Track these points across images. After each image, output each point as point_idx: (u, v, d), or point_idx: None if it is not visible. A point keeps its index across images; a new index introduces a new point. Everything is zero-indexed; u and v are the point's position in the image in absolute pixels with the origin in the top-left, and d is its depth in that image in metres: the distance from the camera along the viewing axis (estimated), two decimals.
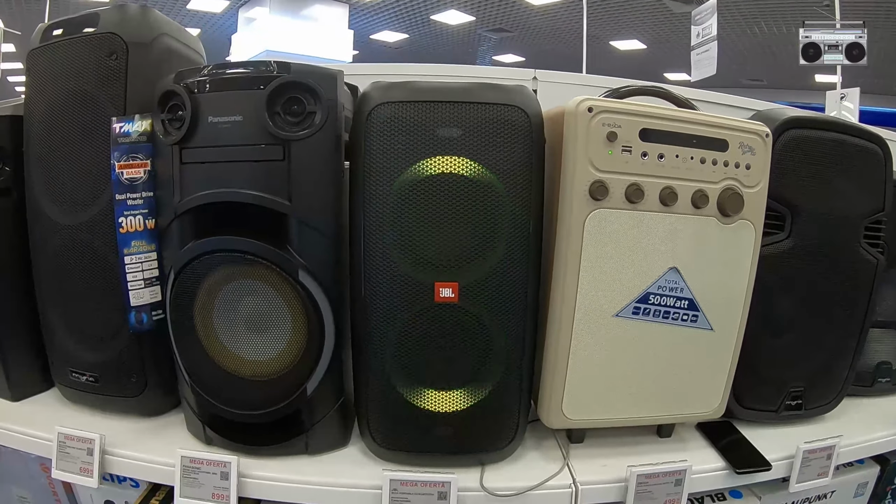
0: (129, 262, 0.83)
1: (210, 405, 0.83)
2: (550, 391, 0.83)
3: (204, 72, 0.77)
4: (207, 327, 0.80)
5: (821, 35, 4.57)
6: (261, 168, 0.76)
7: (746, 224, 0.83)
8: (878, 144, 0.96)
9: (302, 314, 0.78)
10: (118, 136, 0.82)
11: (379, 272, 0.76)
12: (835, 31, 4.56)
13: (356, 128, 0.76)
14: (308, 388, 0.80)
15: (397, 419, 0.81)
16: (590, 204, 0.77)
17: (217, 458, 0.79)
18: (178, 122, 0.78)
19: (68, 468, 0.83)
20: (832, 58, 4.56)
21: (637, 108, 0.77)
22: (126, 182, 0.82)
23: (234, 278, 0.78)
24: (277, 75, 0.74)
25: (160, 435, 0.89)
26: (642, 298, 0.81)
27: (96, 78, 0.85)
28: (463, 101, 0.74)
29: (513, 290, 0.77)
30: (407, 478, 0.77)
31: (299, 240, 0.77)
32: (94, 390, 0.93)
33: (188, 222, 0.79)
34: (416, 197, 0.74)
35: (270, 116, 0.74)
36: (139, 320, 0.85)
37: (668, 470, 0.82)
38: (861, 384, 1.11)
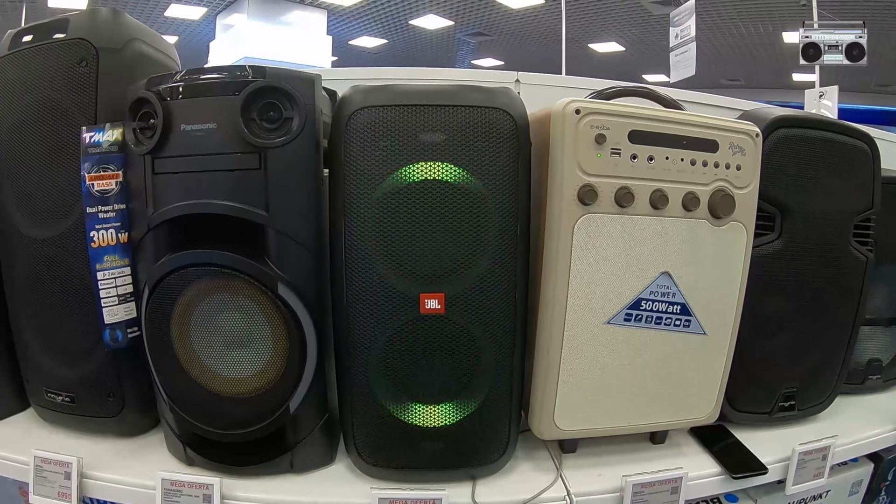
0: (101, 277, 0.81)
1: (190, 425, 0.80)
2: (542, 402, 0.81)
3: (176, 77, 0.75)
4: (185, 344, 0.77)
5: (821, 35, 4.61)
6: (236, 177, 0.73)
7: (738, 226, 0.83)
8: (867, 142, 0.96)
9: (283, 329, 0.76)
10: (88, 146, 0.79)
11: (362, 284, 0.74)
12: (835, 31, 4.59)
13: (335, 133, 0.74)
14: (291, 405, 0.78)
15: (384, 435, 0.79)
16: (578, 209, 0.75)
17: (199, 481, 0.77)
18: (150, 130, 0.75)
19: (46, 493, 0.81)
20: (832, 58, 4.60)
21: (626, 109, 0.76)
22: (97, 194, 0.80)
23: (211, 293, 0.76)
24: (252, 80, 0.72)
25: (140, 456, 0.87)
26: (634, 304, 0.79)
27: (66, 86, 0.83)
28: (446, 104, 0.72)
29: (501, 299, 0.76)
30: (396, 496, 0.75)
31: (278, 251, 0.75)
32: (70, 410, 0.90)
33: (162, 235, 0.77)
34: (398, 205, 0.72)
35: (246, 123, 0.72)
36: (114, 338, 0.82)
37: (665, 478, 0.81)
38: (852, 382, 1.11)
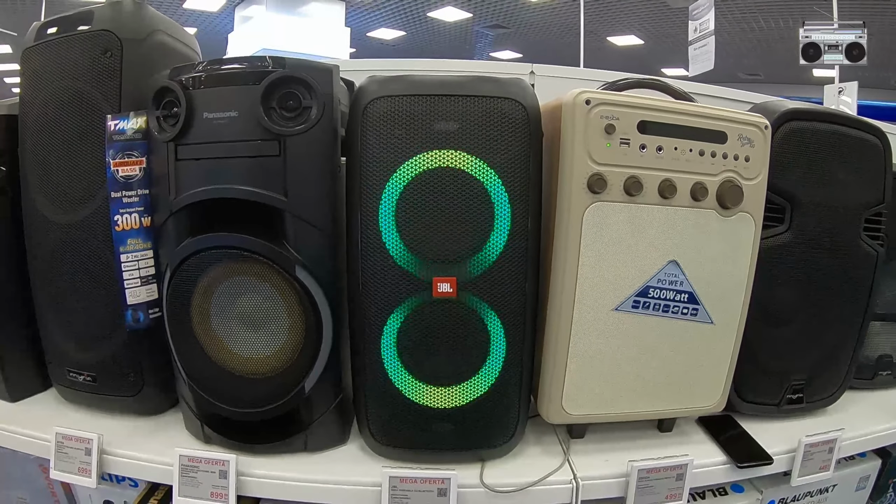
0: (124, 260, 0.83)
1: (208, 403, 0.82)
2: (550, 386, 0.82)
3: (199, 68, 0.77)
4: (204, 325, 0.79)
5: (821, 35, 4.55)
6: (256, 164, 0.75)
7: (746, 216, 0.83)
8: (878, 136, 0.95)
9: (299, 310, 0.77)
10: (113, 133, 0.81)
11: (376, 267, 0.76)
12: (835, 31, 4.54)
13: (352, 122, 0.75)
14: (306, 386, 0.80)
15: (396, 416, 0.80)
16: (588, 197, 0.76)
17: (215, 457, 0.78)
18: (172, 118, 0.77)
19: (67, 468, 0.83)
20: (832, 58, 4.54)
21: (635, 100, 0.77)
22: (121, 180, 0.82)
23: (230, 275, 0.77)
24: (272, 70, 0.74)
25: (158, 434, 0.89)
26: (642, 292, 0.80)
27: (91, 75, 0.85)
28: (460, 94, 0.73)
29: (512, 284, 0.77)
30: (406, 475, 0.76)
31: (295, 236, 0.76)
32: (91, 390, 0.92)
33: (184, 219, 0.79)
34: (412, 191, 0.74)
35: (266, 112, 0.73)
36: (136, 319, 0.85)
37: (670, 465, 0.81)
38: (862, 377, 1.11)
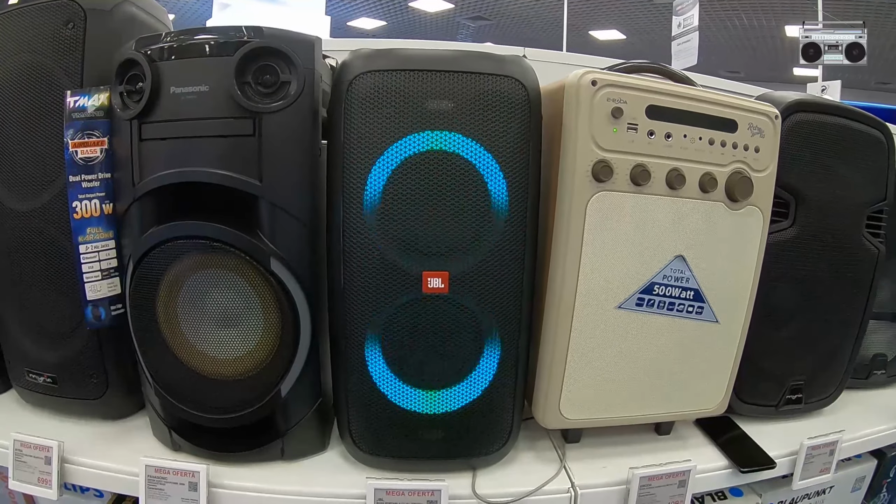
0: (84, 251, 0.77)
1: (176, 408, 0.77)
2: (547, 389, 0.78)
3: (167, 38, 0.71)
4: (171, 322, 0.74)
5: (821, 35, 4.61)
6: (228, 144, 0.70)
7: (755, 210, 0.80)
8: (882, 132, 0.94)
9: (274, 307, 0.73)
10: (72, 111, 0.75)
11: (360, 260, 0.71)
12: (835, 31, 4.60)
13: (335, 100, 0.70)
14: (282, 389, 0.75)
15: (381, 422, 0.76)
16: (592, 186, 0.72)
17: (184, 468, 0.73)
18: (137, 94, 0.72)
19: (26, 478, 0.78)
20: (832, 58, 4.61)
21: (644, 83, 0.72)
22: (80, 162, 0.76)
23: (199, 268, 0.72)
24: (248, 40, 0.68)
25: (124, 440, 0.84)
26: (647, 289, 0.76)
27: (51, 49, 0.79)
28: (455, 70, 0.68)
29: (508, 280, 0.72)
30: (393, 486, 0.72)
31: (271, 225, 0.71)
32: (52, 392, 0.88)
33: (148, 206, 0.73)
34: (401, 176, 0.69)
35: (240, 86, 0.68)
36: (97, 315, 0.79)
37: (672, 471, 0.78)
38: (856, 377, 1.10)
